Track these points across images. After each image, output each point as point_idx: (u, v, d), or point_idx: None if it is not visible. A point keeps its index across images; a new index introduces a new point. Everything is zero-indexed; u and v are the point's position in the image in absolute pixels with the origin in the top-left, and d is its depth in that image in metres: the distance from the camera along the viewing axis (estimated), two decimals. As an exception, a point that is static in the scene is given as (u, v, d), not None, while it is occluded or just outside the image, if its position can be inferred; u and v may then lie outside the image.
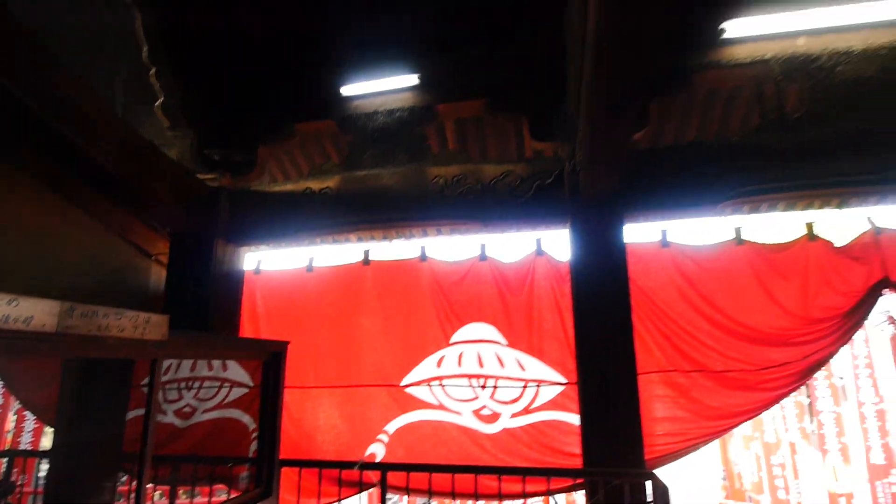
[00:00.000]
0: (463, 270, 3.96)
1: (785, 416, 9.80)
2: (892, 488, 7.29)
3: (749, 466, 11.34)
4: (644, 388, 3.51)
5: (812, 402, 8.94)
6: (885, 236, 3.41)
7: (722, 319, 3.50)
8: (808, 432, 9.03)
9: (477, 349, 3.84)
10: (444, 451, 3.69)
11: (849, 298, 3.37)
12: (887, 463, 7.32)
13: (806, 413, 9.10)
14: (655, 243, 3.69)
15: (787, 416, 9.78)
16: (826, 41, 3.35)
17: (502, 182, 3.72)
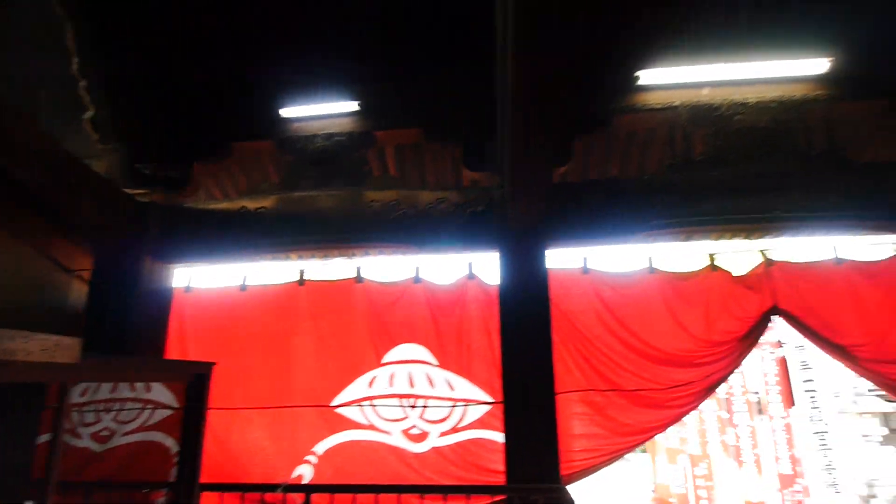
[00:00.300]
0: (397, 292, 4.06)
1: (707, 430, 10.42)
2: (797, 496, 7.89)
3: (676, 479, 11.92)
4: (564, 407, 3.72)
5: (730, 416, 9.57)
6: (775, 268, 3.82)
7: (635, 342, 3.78)
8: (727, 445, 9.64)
9: (408, 370, 3.93)
10: (372, 472, 3.73)
11: (744, 323, 3.73)
12: (794, 473, 7.94)
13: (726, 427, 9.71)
14: (577, 270, 3.95)
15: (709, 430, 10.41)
16: (726, 93, 3.74)
17: (437, 208, 3.87)
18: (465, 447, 3.74)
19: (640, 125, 3.80)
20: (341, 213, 3.96)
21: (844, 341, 3.65)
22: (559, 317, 3.86)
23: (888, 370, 3.60)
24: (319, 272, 4.20)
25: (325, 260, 4.06)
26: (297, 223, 3.99)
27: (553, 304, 3.85)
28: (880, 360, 3.61)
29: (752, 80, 3.72)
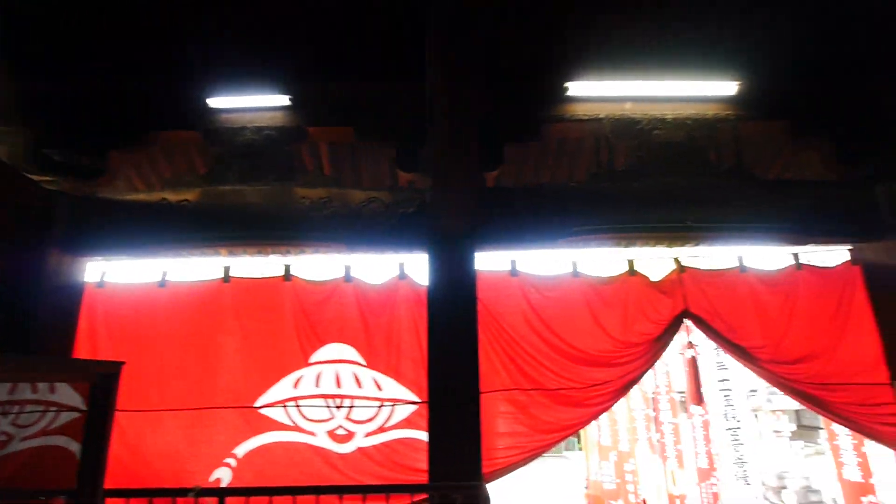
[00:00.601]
0: (327, 291, 4.01)
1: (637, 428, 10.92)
2: (713, 489, 8.40)
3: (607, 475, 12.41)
4: (489, 406, 3.80)
5: (657, 414, 10.08)
6: (686, 274, 4.07)
7: (559, 343, 3.92)
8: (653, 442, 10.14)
9: (336, 369, 3.89)
10: (295, 473, 3.65)
11: (658, 326, 3.96)
12: (710, 467, 8.45)
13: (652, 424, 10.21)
14: (506, 272, 4.05)
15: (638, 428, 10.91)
16: (646, 108, 3.96)
17: (368, 207, 3.86)
18: (391, 447, 3.74)
19: (568, 135, 3.95)
20: (269, 208, 3.86)
21: (746, 343, 3.94)
22: (487, 318, 3.94)
23: (783, 370, 3.92)
24: (246, 269, 4.08)
25: (252, 257, 3.95)
26: (222, 218, 3.86)
27: (482, 305, 3.93)
28: (777, 361, 3.93)
29: (671, 98, 3.96)
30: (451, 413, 3.45)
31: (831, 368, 3.92)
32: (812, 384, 3.90)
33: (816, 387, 3.89)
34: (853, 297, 4.10)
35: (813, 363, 3.93)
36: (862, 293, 4.10)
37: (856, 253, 4.17)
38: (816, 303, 4.06)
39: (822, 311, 4.05)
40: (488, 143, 3.89)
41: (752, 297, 4.05)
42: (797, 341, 3.96)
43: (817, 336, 3.98)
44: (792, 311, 4.02)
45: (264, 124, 3.92)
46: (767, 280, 4.10)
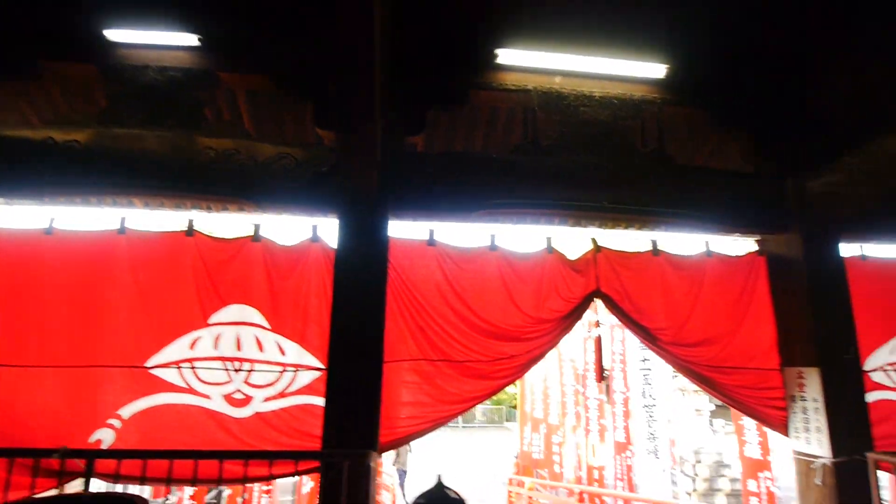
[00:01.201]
0: (233, 250, 3.80)
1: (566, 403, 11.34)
2: (628, 461, 8.85)
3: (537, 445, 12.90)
4: (394, 375, 3.75)
5: (584, 390, 10.47)
6: (601, 254, 4.11)
7: (470, 315, 3.89)
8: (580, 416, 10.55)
9: (237, 331, 3.72)
10: (186, 437, 3.50)
11: (569, 303, 4.00)
12: (626, 441, 8.89)
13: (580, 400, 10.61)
14: (422, 241, 3.96)
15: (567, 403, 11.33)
16: (574, 83, 3.90)
17: (279, 163, 3.64)
18: (291, 413, 3.64)
19: (494, 104, 3.85)
20: (169, 157, 3.58)
21: (651, 324, 4.05)
22: (400, 286, 3.86)
23: (683, 352, 4.07)
24: (144, 222, 3.80)
25: (149, 209, 3.67)
26: (117, 164, 3.55)
27: (395, 273, 3.84)
28: (678, 344, 4.07)
29: (599, 76, 3.91)
30: (351, 381, 3.37)
31: (728, 353, 4.10)
32: (709, 367, 4.06)
33: (712, 369, 4.06)
34: (755, 287, 4.27)
35: (711, 347, 4.09)
36: (764, 283, 4.28)
37: (762, 244, 4.32)
38: (721, 290, 4.21)
39: (725, 298, 4.20)
40: (412, 106, 3.75)
41: (662, 280, 4.15)
42: (699, 325, 4.10)
43: (718, 322, 4.14)
44: (697, 297, 4.15)
45: (170, 65, 3.60)
46: (678, 265, 4.21)
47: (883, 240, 4.29)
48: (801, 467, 3.96)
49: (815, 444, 3.82)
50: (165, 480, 3.08)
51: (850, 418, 3.76)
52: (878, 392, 4.26)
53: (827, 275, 3.99)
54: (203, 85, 3.60)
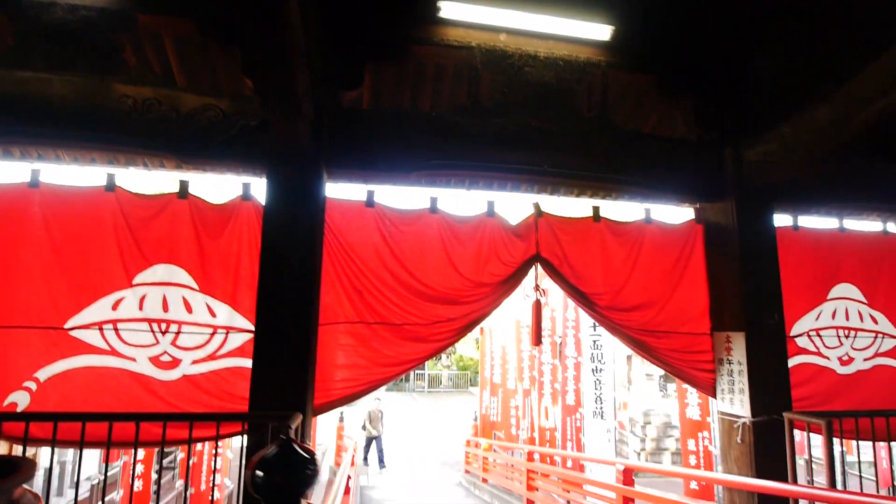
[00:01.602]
0: (157, 206, 3.61)
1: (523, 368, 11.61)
2: (577, 422, 9.18)
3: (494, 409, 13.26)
4: (329, 337, 3.70)
5: (539, 355, 10.72)
6: (543, 219, 4.10)
7: (409, 278, 3.84)
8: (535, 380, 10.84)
9: (163, 292, 3.57)
10: (109, 400, 3.38)
11: (509, 268, 3.99)
12: (576, 404, 9.20)
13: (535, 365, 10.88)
14: (360, 202, 3.85)
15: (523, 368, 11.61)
16: (519, 42, 3.78)
17: (203, 115, 3.43)
18: (221, 376, 3.55)
19: (436, 60, 3.70)
20: (84, 106, 3.32)
21: (588, 289, 4.09)
22: (337, 248, 3.77)
23: (618, 317, 4.14)
24: (60, 175, 3.56)
25: (61, 162, 3.43)
26: (24, 111, 3.27)
27: (331, 234, 3.74)
28: (614, 308, 4.14)
29: (545, 35, 3.79)
30: (280, 343, 3.30)
31: (661, 318, 4.20)
32: (642, 331, 4.16)
33: (646, 333, 4.16)
34: (692, 254, 4.36)
35: (646, 312, 4.18)
36: (700, 250, 4.37)
37: (700, 212, 4.39)
38: (658, 256, 4.28)
39: (661, 265, 4.27)
40: (348, 59, 3.57)
41: (602, 246, 4.18)
42: (635, 291, 4.17)
43: (654, 287, 4.22)
44: (635, 263, 4.21)
45: (82, 3, 3.30)
46: (617, 231, 4.24)
47: (813, 210, 4.42)
48: (725, 426, 4.15)
49: (738, 404, 4.00)
50: (78, 443, 2.97)
51: (771, 380, 3.93)
52: (802, 356, 4.47)
53: (758, 243, 4.09)
54: (119, 27, 3.32)
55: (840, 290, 4.64)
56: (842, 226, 4.70)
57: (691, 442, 8.16)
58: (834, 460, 3.43)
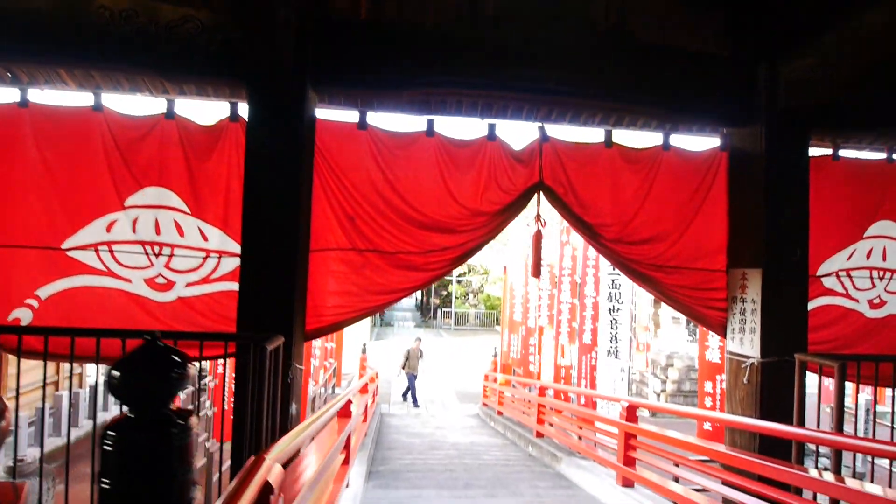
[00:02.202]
0: (145, 127, 3.52)
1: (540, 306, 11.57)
2: (592, 361, 9.17)
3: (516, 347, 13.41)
4: (321, 264, 3.64)
5: (558, 294, 10.61)
6: (548, 144, 3.81)
7: (402, 205, 3.69)
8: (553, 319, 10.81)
9: (155, 215, 3.55)
10: (107, 319, 3.46)
11: (509, 196, 3.77)
12: (592, 343, 9.14)
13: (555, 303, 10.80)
14: (353, 124, 3.66)
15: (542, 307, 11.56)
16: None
17: (182, 28, 3.23)
18: (215, 299, 3.58)
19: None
20: (58, 17, 3.17)
21: (594, 220, 3.85)
22: (328, 172, 3.63)
23: (626, 250, 3.91)
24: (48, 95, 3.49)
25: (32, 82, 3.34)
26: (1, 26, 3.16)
27: (321, 157, 3.59)
28: (622, 241, 3.90)
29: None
30: (265, 266, 3.25)
31: (673, 252, 3.94)
32: (652, 266, 3.93)
33: (655, 269, 3.93)
34: (713, 184, 4.02)
35: (657, 246, 3.92)
36: (722, 181, 4.02)
37: (726, 138, 4.00)
38: (675, 186, 3.96)
39: (678, 196, 3.96)
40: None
41: (612, 174, 3.89)
42: (646, 223, 3.90)
43: (667, 220, 3.94)
44: (648, 193, 3.92)
45: None
46: (631, 158, 3.92)
47: (854, 138, 3.96)
48: (733, 367, 3.97)
49: (747, 345, 3.79)
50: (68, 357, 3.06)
51: (786, 321, 3.68)
52: (826, 297, 4.18)
53: (788, 173, 3.71)
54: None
55: (879, 228, 4.23)
56: (890, 157, 4.22)
57: (708, 384, 8.04)
58: (843, 404, 3.23)
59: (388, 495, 4.94)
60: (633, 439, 4.77)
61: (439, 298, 33.18)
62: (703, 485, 3.75)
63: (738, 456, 3.26)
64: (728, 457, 3.44)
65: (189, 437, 0.98)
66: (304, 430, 2.23)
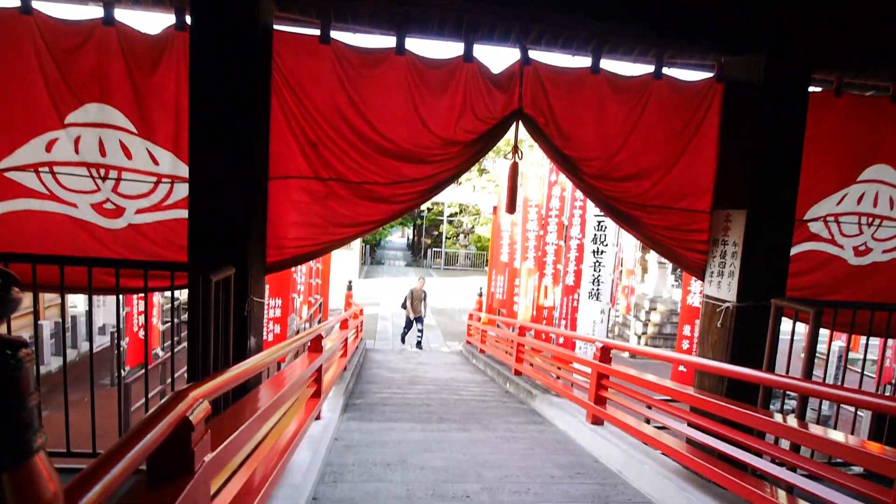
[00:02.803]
0: (81, 34, 3.16)
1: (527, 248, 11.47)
2: (574, 303, 9.20)
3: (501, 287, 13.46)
4: (281, 193, 3.42)
5: (544, 235, 10.49)
6: (530, 69, 3.50)
7: (369, 131, 3.42)
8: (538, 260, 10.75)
9: (99, 135, 3.27)
10: (54, 246, 3.27)
11: (485, 124, 3.50)
12: (575, 285, 9.13)
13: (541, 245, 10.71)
14: (314, 36, 3.31)
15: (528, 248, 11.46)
16: None
17: (112, -86, 2.81)
18: (170, 227, 3.37)
19: None
20: None
21: (576, 154, 3.61)
22: (287, 91, 3.32)
23: (607, 187, 3.70)
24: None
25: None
26: None
27: (280, 75, 3.28)
28: (603, 177, 3.68)
29: None
30: (217, 192, 3.03)
31: (657, 190, 3.75)
32: (633, 205, 3.74)
33: (636, 207, 3.74)
34: (705, 118, 3.76)
35: (641, 183, 3.72)
36: (714, 114, 3.75)
37: (722, 69, 3.69)
38: (664, 119, 3.69)
39: (667, 129, 3.71)
40: None
41: (598, 103, 3.60)
42: (631, 158, 3.67)
43: (654, 155, 3.71)
44: (636, 126, 3.66)
45: None
46: (619, 86, 3.62)
47: (860, 72, 3.65)
48: (708, 311, 3.88)
49: (724, 288, 3.69)
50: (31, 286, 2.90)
51: (766, 265, 3.55)
52: (811, 243, 4.05)
53: (785, 107, 3.45)
54: None
55: (874, 172, 4.04)
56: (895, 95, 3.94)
57: (687, 328, 8.12)
58: (815, 351, 3.17)
59: (362, 427, 4.98)
60: (604, 379, 4.78)
61: (430, 238, 33.11)
62: (669, 425, 3.77)
63: (705, 399, 3.23)
64: (695, 399, 3.42)
65: (20, 371, 0.81)
66: (245, 366, 2.10)
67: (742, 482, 2.85)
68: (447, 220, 31.06)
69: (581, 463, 4.13)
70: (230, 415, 2.25)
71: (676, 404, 3.88)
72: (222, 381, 1.81)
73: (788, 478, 2.72)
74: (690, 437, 3.46)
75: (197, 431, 1.57)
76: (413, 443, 4.47)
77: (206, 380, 1.71)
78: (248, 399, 2.51)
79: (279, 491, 2.84)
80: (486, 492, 3.41)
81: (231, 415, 2.25)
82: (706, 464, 3.14)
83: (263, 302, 3.38)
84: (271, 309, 7.31)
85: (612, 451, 4.08)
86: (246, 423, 2.15)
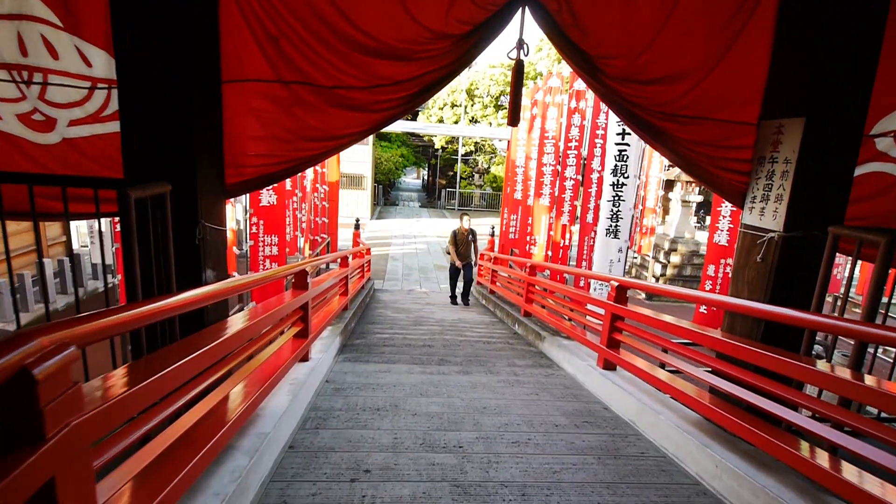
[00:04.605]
0: None
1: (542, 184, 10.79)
2: (591, 241, 8.65)
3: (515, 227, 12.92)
4: (238, 99, 2.87)
5: (563, 170, 9.78)
6: (540, -63, 2.77)
7: (342, 22, 2.79)
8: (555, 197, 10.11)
9: (17, 28, 2.71)
10: (-20, 163, 2.83)
11: (483, 12, 2.84)
12: (594, 222, 8.53)
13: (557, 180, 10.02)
14: None
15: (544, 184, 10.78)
16: None
17: None
18: (107, 141, 2.85)
19: None
20: None
21: (595, 50, 2.94)
22: (242, -27, 2.69)
23: (632, 91, 3.06)
24: None
25: None
26: None
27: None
28: (627, 79, 3.03)
29: None
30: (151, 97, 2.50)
31: (693, 97, 3.08)
32: (662, 114, 3.10)
33: (666, 117, 3.10)
34: (756, 8, 3.00)
35: (674, 87, 3.05)
36: (770, 4, 3.00)
37: (786, -62, 2.91)
38: (707, 8, 2.96)
39: (708, 22, 2.99)
40: None
41: (625, -13, 2.89)
42: (662, 57, 2.99)
43: (690, 54, 3.01)
44: (670, 16, 2.93)
45: None
46: (654, -35, 2.88)
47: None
48: (746, 243, 3.31)
49: (768, 216, 3.09)
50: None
51: (823, 187, 2.93)
52: (878, 163, 3.37)
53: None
54: None
55: (966, 74, 3.28)
56: None
57: (711, 268, 7.56)
58: (881, 289, 2.61)
59: (355, 368, 4.67)
60: (619, 321, 4.32)
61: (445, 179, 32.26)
62: (690, 372, 3.31)
63: (737, 344, 2.74)
64: (724, 344, 2.93)
65: None
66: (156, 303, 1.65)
67: (775, 440, 2.41)
68: (461, 159, 30.06)
69: (589, 410, 3.75)
70: (157, 358, 1.84)
71: (699, 349, 3.42)
72: (107, 322, 1.36)
73: (832, 436, 2.26)
74: (714, 385, 3.01)
75: (49, 385, 1.13)
76: (409, 386, 4.14)
77: (72, 320, 1.26)
78: (189, 340, 2.10)
79: (241, 441, 2.51)
80: (481, 442, 3.05)
81: (158, 358, 1.83)
82: (732, 417, 2.70)
83: (223, 229, 2.91)
84: (266, 247, 6.93)
85: (625, 398, 3.68)
86: (171, 367, 1.74)
